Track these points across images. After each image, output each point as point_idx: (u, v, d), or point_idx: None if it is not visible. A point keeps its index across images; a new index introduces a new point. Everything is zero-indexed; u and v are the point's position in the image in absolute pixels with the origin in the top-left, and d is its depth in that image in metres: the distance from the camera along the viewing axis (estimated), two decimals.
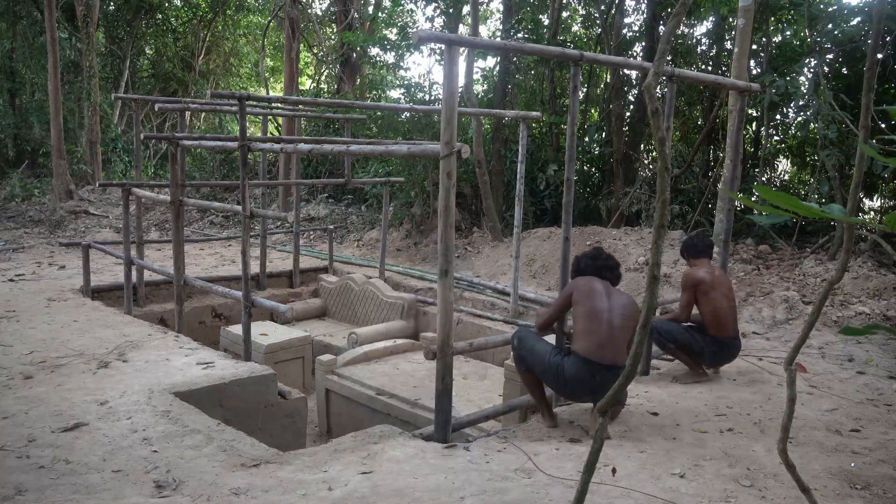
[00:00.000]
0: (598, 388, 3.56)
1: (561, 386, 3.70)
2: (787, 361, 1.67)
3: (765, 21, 9.77)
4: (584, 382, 3.59)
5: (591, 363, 3.58)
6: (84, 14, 15.62)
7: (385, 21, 15.51)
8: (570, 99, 4.09)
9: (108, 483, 2.93)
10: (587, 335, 3.63)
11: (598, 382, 3.57)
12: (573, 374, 3.60)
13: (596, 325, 3.64)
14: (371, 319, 7.68)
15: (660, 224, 1.43)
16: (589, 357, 3.59)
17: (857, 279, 6.81)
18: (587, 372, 3.58)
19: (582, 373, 3.58)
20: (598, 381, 3.57)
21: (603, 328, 3.64)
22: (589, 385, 3.59)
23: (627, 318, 3.72)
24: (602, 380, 3.56)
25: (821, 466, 3.25)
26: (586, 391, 3.64)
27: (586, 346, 3.61)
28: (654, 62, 1.51)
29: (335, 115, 10.34)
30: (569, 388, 3.68)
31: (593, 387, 3.58)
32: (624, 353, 3.68)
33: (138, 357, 4.73)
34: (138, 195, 6.64)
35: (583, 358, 3.60)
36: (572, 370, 3.61)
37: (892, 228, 1.47)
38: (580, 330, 3.68)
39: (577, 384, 3.62)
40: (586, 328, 3.65)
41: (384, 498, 2.79)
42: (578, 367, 3.60)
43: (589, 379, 3.57)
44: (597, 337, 3.62)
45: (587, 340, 3.62)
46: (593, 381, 3.57)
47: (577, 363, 3.61)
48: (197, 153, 16.39)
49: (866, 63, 1.71)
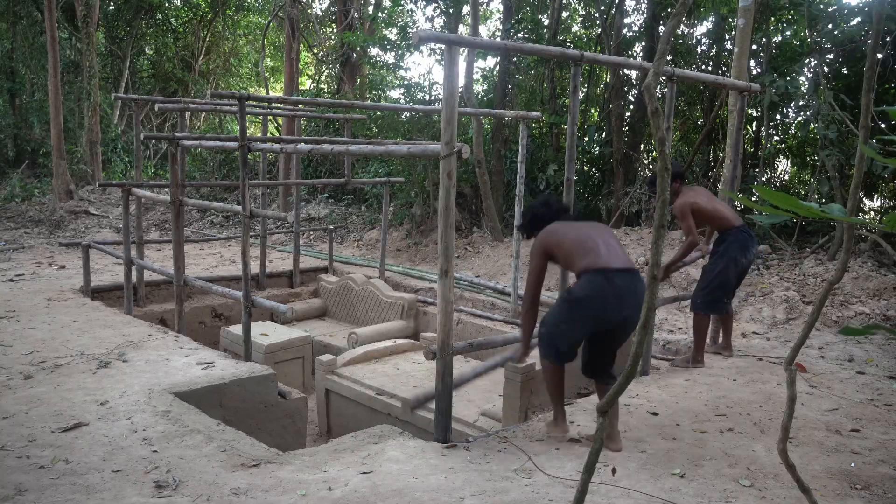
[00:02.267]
0: (623, 295, 3.25)
1: (583, 317, 3.33)
2: (787, 361, 1.67)
3: (765, 21, 9.77)
4: (605, 293, 3.24)
5: (602, 270, 3.27)
6: (84, 14, 15.62)
7: (385, 21, 15.50)
8: (570, 99, 4.09)
9: (108, 483, 2.93)
10: (585, 255, 3.34)
11: (619, 287, 3.24)
12: (589, 291, 3.26)
13: (589, 243, 3.37)
14: (371, 319, 7.68)
15: (660, 224, 1.43)
16: (598, 266, 3.28)
17: (857, 279, 6.81)
18: (602, 280, 3.25)
19: (597, 284, 3.25)
20: (619, 286, 3.25)
21: (598, 244, 3.37)
22: (611, 295, 3.23)
23: (611, 235, 3.51)
24: (623, 283, 3.25)
25: (821, 466, 3.25)
26: (611, 304, 3.26)
27: (590, 261, 3.31)
28: (654, 62, 1.51)
29: (335, 115, 10.34)
30: (592, 312, 3.29)
31: (617, 294, 3.24)
32: (629, 258, 3.43)
33: (138, 357, 4.73)
34: (138, 195, 6.64)
35: (592, 270, 3.28)
36: (587, 288, 3.27)
37: (892, 228, 1.47)
38: (576, 257, 3.37)
39: (598, 302, 3.25)
40: (580, 251, 3.36)
41: (384, 498, 2.79)
42: (592, 281, 3.26)
43: (607, 286, 3.24)
44: (595, 250, 3.34)
45: (588, 258, 3.33)
46: (613, 287, 3.24)
47: (588, 279, 3.28)
48: (197, 153, 16.38)
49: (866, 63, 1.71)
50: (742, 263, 4.93)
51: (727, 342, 5.30)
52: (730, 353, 5.25)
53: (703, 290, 4.98)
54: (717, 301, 4.94)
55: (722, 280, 4.90)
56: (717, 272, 4.91)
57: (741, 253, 4.90)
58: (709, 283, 4.95)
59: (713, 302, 4.94)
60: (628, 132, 11.36)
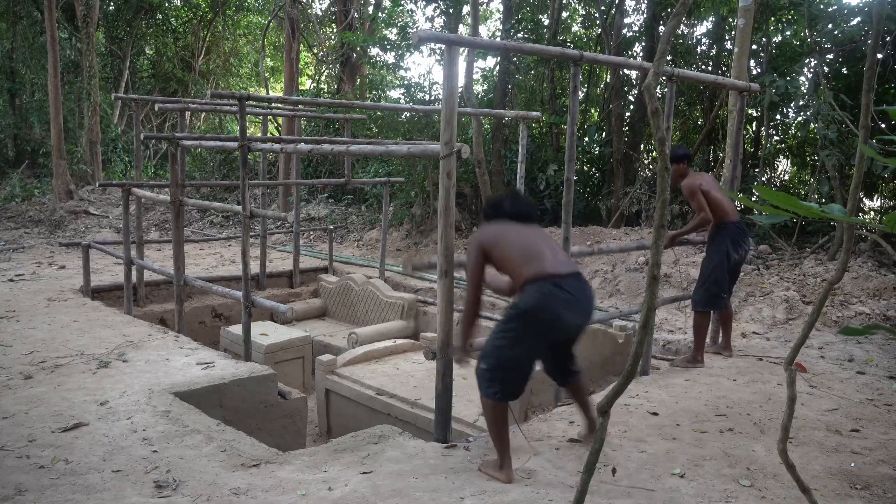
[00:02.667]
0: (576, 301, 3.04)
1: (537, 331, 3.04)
2: (787, 361, 1.67)
3: (765, 21, 9.77)
4: (557, 301, 3.00)
5: (549, 276, 3.03)
6: (84, 14, 15.62)
7: (385, 21, 15.50)
8: (570, 99, 4.09)
9: (108, 483, 2.93)
10: (529, 262, 3.08)
11: (569, 294, 3.02)
12: (537, 300, 3.00)
13: (533, 248, 3.13)
14: (371, 319, 7.67)
15: (660, 224, 1.43)
16: (546, 273, 3.04)
17: (857, 279, 6.81)
18: (550, 287, 3.00)
19: (545, 291, 3.00)
20: (571, 293, 3.03)
21: (544, 250, 3.13)
22: (564, 302, 3.00)
23: (552, 239, 3.29)
24: (572, 289, 3.04)
25: (821, 466, 3.25)
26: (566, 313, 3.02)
27: (536, 269, 3.06)
28: (654, 62, 1.51)
29: (335, 115, 10.33)
30: (546, 323, 3.02)
31: (570, 301, 3.02)
32: (573, 262, 3.25)
33: (138, 357, 4.73)
34: (138, 195, 6.64)
35: (540, 278, 3.03)
36: (537, 297, 3.00)
37: (892, 228, 1.47)
38: (517, 265, 3.11)
39: (550, 312, 2.99)
40: (523, 258, 3.10)
41: (384, 498, 2.79)
42: (539, 289, 3.01)
43: (557, 292, 3.00)
44: (540, 256, 3.09)
45: (533, 265, 3.07)
46: (563, 292, 3.00)
47: (534, 289, 3.02)
48: (197, 153, 16.39)
49: (866, 63, 1.71)
50: (734, 258, 4.98)
51: (727, 342, 5.31)
52: (729, 353, 5.26)
53: (701, 286, 5.02)
54: (714, 297, 4.98)
55: (717, 275, 4.95)
56: (711, 267, 4.97)
57: (733, 248, 4.95)
58: (706, 280, 4.99)
59: (711, 298, 4.98)
60: (628, 132, 11.36)
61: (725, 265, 4.94)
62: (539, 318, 3.02)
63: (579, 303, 3.08)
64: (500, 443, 3.10)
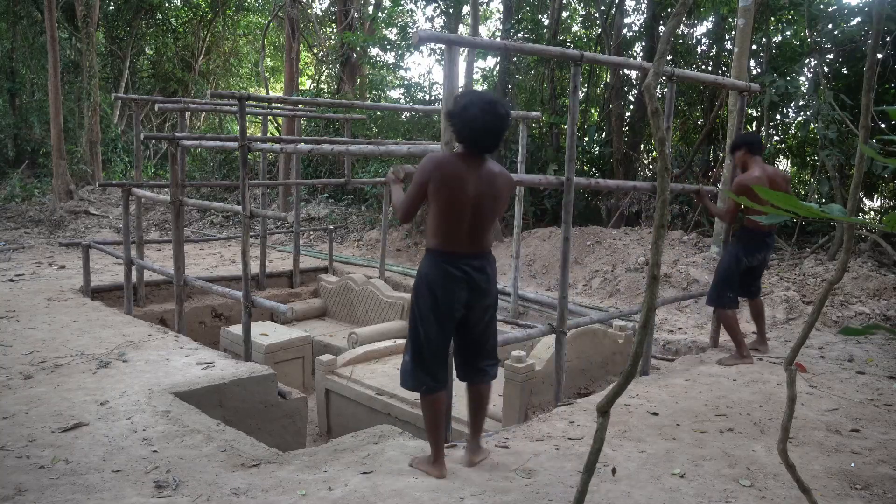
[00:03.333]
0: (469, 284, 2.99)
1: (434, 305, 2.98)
2: (787, 361, 1.67)
3: (765, 21, 9.77)
4: (449, 278, 2.95)
5: (457, 255, 2.98)
6: (84, 14, 15.63)
7: (385, 21, 15.51)
8: (570, 99, 4.09)
9: (108, 483, 2.93)
10: (445, 234, 2.99)
11: (463, 273, 2.97)
12: (434, 275, 2.95)
13: (455, 223, 2.97)
14: (371, 319, 7.68)
15: (660, 224, 1.43)
16: (445, 249, 2.98)
17: (857, 279, 6.81)
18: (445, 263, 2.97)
19: (441, 268, 2.96)
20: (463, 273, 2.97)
21: (464, 224, 2.97)
22: (453, 280, 2.96)
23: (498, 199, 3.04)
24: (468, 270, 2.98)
25: (821, 466, 3.25)
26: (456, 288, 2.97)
27: (440, 242, 2.99)
28: (654, 62, 1.51)
29: (335, 115, 10.35)
30: (439, 299, 2.96)
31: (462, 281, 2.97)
32: (487, 239, 3.09)
33: (138, 357, 4.73)
34: (138, 195, 6.64)
35: (438, 252, 2.99)
36: (430, 270, 2.97)
37: (891, 228, 1.47)
38: (435, 226, 3.00)
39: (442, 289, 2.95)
40: (444, 226, 2.98)
41: (384, 498, 2.79)
42: (437, 264, 2.97)
43: (452, 271, 2.95)
44: (456, 232, 2.98)
45: (442, 237, 2.99)
46: (458, 270, 2.96)
47: (432, 259, 2.99)
48: (197, 153, 16.40)
49: (866, 63, 1.71)
50: (745, 263, 4.98)
51: (761, 337, 5.32)
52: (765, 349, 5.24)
53: (714, 284, 5.15)
54: (721, 296, 5.04)
55: (727, 275, 5.01)
56: (723, 269, 5.07)
57: (745, 253, 4.95)
58: (717, 279, 5.10)
59: (718, 296, 5.05)
60: (628, 132, 11.36)
61: (735, 268, 4.99)
62: (432, 298, 2.97)
63: (470, 287, 2.99)
64: (433, 437, 3.09)
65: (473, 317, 3.10)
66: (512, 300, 7.17)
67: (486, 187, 2.98)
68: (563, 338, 4.24)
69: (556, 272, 8.19)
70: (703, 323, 6.59)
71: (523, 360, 4.56)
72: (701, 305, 6.91)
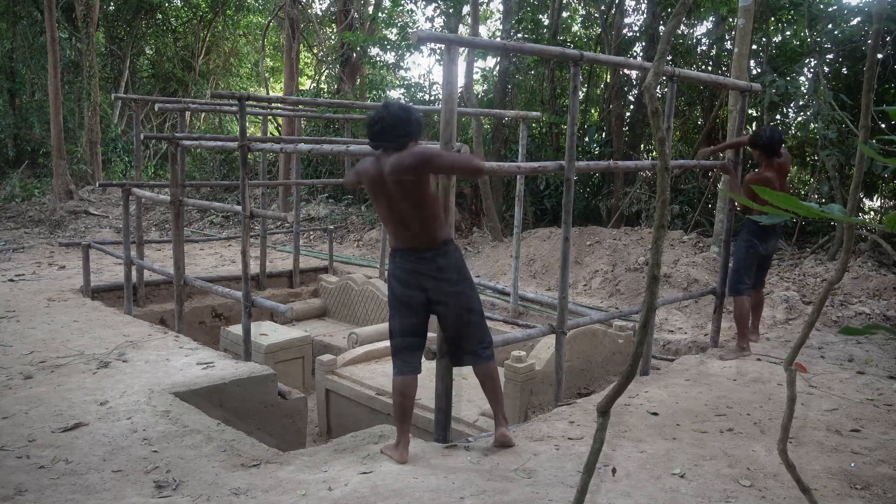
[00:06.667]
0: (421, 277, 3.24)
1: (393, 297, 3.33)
2: (787, 361, 1.67)
3: (765, 21, 9.77)
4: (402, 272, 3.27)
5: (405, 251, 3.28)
6: (84, 14, 15.62)
7: (385, 21, 15.50)
8: (570, 99, 4.09)
9: (108, 483, 2.93)
10: (391, 233, 3.35)
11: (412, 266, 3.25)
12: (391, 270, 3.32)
13: (391, 222, 3.30)
14: (371, 319, 7.67)
15: (660, 224, 1.43)
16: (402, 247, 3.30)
17: (857, 279, 6.81)
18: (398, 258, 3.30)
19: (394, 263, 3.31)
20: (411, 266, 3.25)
21: (395, 218, 3.27)
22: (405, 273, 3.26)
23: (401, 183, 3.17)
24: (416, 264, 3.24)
25: (821, 466, 3.25)
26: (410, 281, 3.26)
27: (391, 241, 3.38)
28: (654, 62, 1.51)
29: (335, 115, 10.34)
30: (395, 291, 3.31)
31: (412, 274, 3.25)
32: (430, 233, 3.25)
33: (138, 357, 4.73)
34: (138, 195, 6.64)
35: (392, 250, 3.36)
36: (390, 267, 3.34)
37: (892, 228, 1.47)
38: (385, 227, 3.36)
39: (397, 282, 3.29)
40: (385, 225, 3.40)
41: (384, 498, 2.79)
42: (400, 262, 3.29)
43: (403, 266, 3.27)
44: (395, 229, 3.30)
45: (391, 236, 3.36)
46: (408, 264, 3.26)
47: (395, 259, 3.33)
48: (197, 153, 16.39)
49: (866, 63, 1.71)
50: (760, 250, 5.19)
51: (755, 327, 5.55)
52: (756, 338, 5.51)
53: (731, 271, 5.27)
54: (737, 283, 5.18)
55: (745, 263, 5.17)
56: (740, 256, 5.21)
57: (760, 240, 5.15)
58: (734, 265, 5.24)
59: (734, 284, 5.20)
60: (628, 132, 11.36)
61: (753, 255, 5.17)
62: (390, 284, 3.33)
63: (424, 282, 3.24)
64: (400, 422, 3.29)
65: (440, 307, 3.31)
66: (512, 300, 7.17)
67: (389, 175, 3.19)
68: (563, 338, 4.24)
69: (556, 272, 8.19)
70: (703, 323, 6.59)
71: (523, 360, 4.56)
72: (701, 305, 6.91)
